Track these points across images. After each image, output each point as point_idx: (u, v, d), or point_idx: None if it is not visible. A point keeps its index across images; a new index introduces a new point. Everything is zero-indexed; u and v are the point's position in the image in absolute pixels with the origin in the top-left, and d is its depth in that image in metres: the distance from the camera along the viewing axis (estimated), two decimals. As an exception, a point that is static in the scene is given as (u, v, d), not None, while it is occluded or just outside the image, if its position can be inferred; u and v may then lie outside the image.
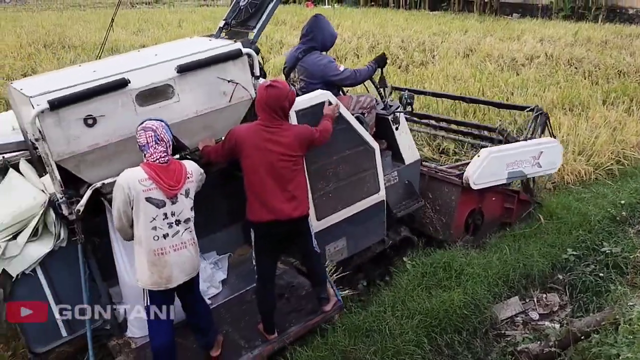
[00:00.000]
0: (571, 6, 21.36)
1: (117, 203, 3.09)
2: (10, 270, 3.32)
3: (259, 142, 3.41)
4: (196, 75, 3.47)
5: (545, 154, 5.34)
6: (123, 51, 12.09)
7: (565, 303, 4.74)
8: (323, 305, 4.02)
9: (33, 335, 3.56)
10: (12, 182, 3.59)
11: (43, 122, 3.01)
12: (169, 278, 3.17)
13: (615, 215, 5.77)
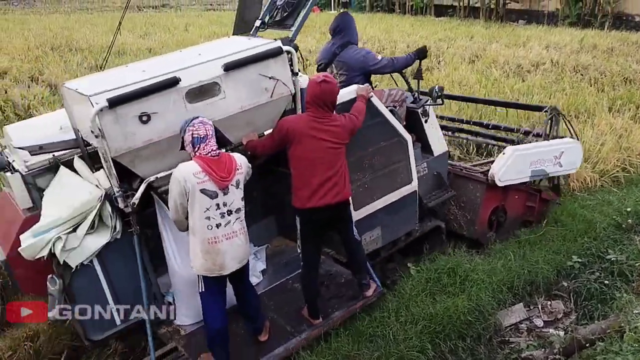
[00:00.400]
0: (577, 13, 21.35)
1: (173, 195, 3.25)
2: (70, 262, 3.49)
3: (310, 132, 3.62)
4: (240, 72, 3.61)
5: (566, 153, 5.49)
6: (130, 54, 12.16)
7: (569, 310, 4.72)
8: (364, 291, 4.21)
9: (91, 325, 3.73)
10: (64, 179, 3.74)
11: (102, 119, 3.15)
12: (222, 265, 3.35)
13: (621, 222, 5.75)
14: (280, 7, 4.47)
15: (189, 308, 3.93)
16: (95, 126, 3.13)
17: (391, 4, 28.81)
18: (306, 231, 3.87)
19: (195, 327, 3.94)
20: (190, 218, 3.29)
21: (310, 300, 4.00)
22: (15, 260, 3.65)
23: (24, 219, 3.70)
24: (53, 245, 3.45)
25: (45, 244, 3.44)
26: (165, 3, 33.80)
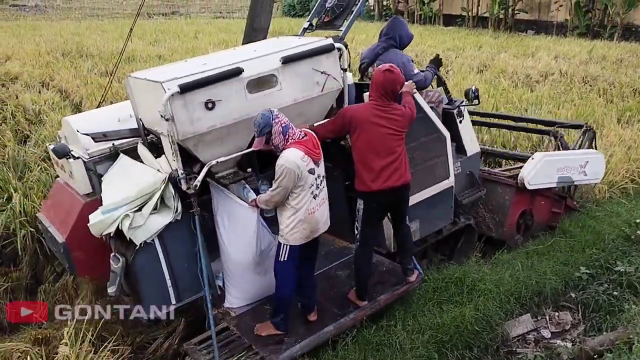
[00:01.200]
0: (586, 24, 21.33)
1: (285, 182, 3.50)
2: (135, 239, 3.69)
3: (373, 119, 3.85)
4: (296, 66, 3.86)
5: (591, 163, 5.75)
6: (140, 60, 12.25)
7: (577, 322, 4.69)
8: (408, 276, 4.43)
9: (149, 304, 3.91)
10: (125, 165, 3.99)
11: (173, 104, 3.38)
12: (316, 230, 3.75)
13: (630, 234, 5.72)
14: (329, 9, 4.71)
15: (239, 291, 4.18)
16: (167, 110, 3.36)
17: (400, 13, 28.91)
18: (368, 214, 4.05)
19: (244, 309, 4.20)
20: (295, 198, 3.58)
21: (361, 281, 4.20)
22: (74, 243, 3.92)
23: (83, 203, 3.98)
24: (120, 223, 3.65)
25: (113, 221, 3.66)
26: (175, 10, 34.07)
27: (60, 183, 4.54)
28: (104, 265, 3.90)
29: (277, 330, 3.93)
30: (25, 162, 6.70)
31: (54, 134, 7.37)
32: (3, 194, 5.89)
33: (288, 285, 3.84)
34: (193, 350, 3.89)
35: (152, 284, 3.91)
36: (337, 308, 4.22)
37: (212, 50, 13.83)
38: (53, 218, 4.30)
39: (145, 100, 3.79)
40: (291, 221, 3.65)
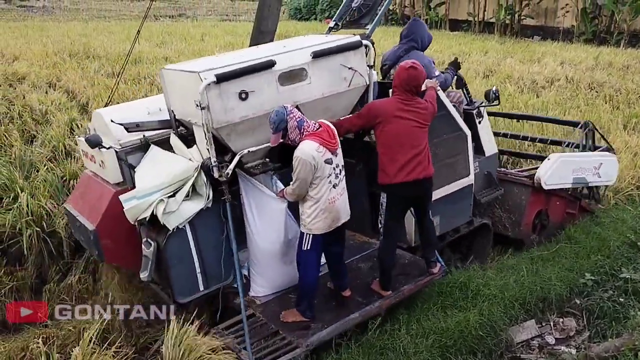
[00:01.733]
0: (593, 30, 21.27)
1: (303, 174, 3.68)
2: (168, 224, 3.84)
3: (398, 112, 3.99)
4: (325, 61, 4.02)
5: (605, 165, 5.90)
6: (147, 62, 12.28)
7: (582, 328, 4.68)
8: (431, 268, 4.55)
9: (179, 288, 4.05)
10: (157, 155, 4.15)
11: (209, 93, 3.55)
12: (337, 219, 3.90)
13: (635, 241, 5.70)
14: (355, 8, 4.91)
15: (265, 279, 4.32)
16: (203, 99, 3.52)
17: (406, 17, 28.92)
18: (392, 206, 4.23)
19: (269, 298, 4.33)
20: (314, 188, 3.76)
21: (386, 271, 4.34)
22: (103, 230, 4.05)
23: (114, 192, 4.11)
24: (155, 208, 3.80)
25: (148, 205, 3.81)
26: (181, 13, 34.17)
27: (87, 174, 4.68)
28: (131, 254, 4.12)
29: (302, 317, 4.06)
30: (32, 162, 6.72)
31: (61, 133, 7.41)
32: (9, 194, 5.90)
33: (311, 273, 3.99)
34: (221, 335, 3.98)
35: (182, 270, 4.04)
36: (362, 297, 4.33)
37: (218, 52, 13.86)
38: (82, 208, 4.41)
39: (178, 92, 3.94)
40: (312, 211, 3.81)
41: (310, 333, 3.93)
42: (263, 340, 3.93)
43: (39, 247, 5.52)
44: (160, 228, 3.90)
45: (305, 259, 3.96)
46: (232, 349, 3.85)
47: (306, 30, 21.48)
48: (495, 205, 5.80)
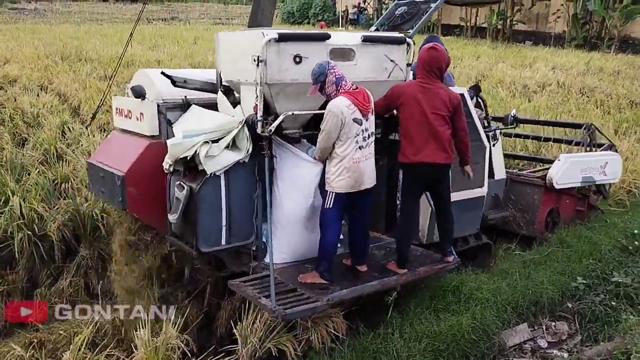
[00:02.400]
0: (584, 36, 21.48)
1: (329, 127, 3.84)
2: (207, 168, 3.95)
3: (418, 95, 4.14)
4: (372, 47, 4.32)
5: (610, 164, 6.21)
6: (140, 65, 12.25)
7: (574, 332, 4.69)
8: (447, 257, 4.60)
9: (203, 236, 4.10)
10: (197, 112, 4.31)
11: (268, 49, 3.79)
12: (361, 182, 4.00)
13: (626, 245, 5.74)
14: (398, 15, 5.33)
15: (284, 245, 4.32)
16: (263, 53, 3.76)
17: (398, 22, 29.04)
18: (408, 184, 4.38)
19: (285, 265, 4.34)
20: (340, 145, 3.90)
21: (402, 249, 4.41)
22: (131, 178, 4.14)
23: (148, 143, 4.26)
24: (199, 149, 3.91)
25: (192, 145, 3.92)
26: (174, 16, 34.19)
27: (117, 132, 4.82)
28: (151, 207, 4.28)
29: (321, 279, 4.09)
30: (23, 165, 6.70)
31: (52, 136, 7.38)
32: (1, 197, 5.87)
33: (332, 232, 4.06)
34: (239, 286, 4.05)
35: (209, 219, 4.09)
36: (378, 274, 4.37)
37: (211, 56, 13.85)
38: (109, 159, 4.50)
39: (232, 53, 4.21)
40: (337, 168, 3.94)
41: (330, 292, 3.99)
42: (281, 295, 3.92)
43: (30, 250, 5.49)
44: (196, 174, 4.02)
45: (327, 217, 4.06)
46: (251, 297, 3.91)
47: (299, 34, 21.47)
48: (509, 204, 6.02)
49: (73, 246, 5.76)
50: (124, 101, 4.68)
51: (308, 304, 3.82)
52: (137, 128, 4.46)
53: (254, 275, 4.21)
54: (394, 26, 5.26)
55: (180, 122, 4.29)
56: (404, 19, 5.23)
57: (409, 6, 5.32)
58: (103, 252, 5.62)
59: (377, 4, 30.00)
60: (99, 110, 7.68)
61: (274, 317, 3.81)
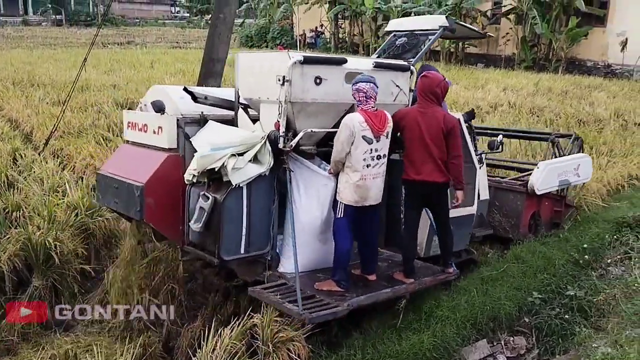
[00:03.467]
0: (533, 57, 22.29)
1: (342, 138, 4.19)
2: (233, 180, 4.16)
3: (416, 118, 4.50)
4: (381, 73, 4.63)
5: (582, 166, 6.74)
6: (94, 90, 12.07)
7: (531, 346, 4.78)
8: (448, 268, 4.94)
9: (226, 245, 4.28)
10: (215, 127, 4.58)
11: (294, 70, 4.11)
12: (365, 197, 4.31)
13: (579, 259, 5.91)
14: (399, 45, 5.72)
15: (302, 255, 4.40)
16: (289, 73, 4.08)
17: (355, 45, 29.54)
18: (409, 199, 4.74)
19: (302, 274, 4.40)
20: (350, 159, 4.22)
21: (408, 259, 4.75)
22: (150, 189, 4.35)
23: (167, 155, 4.49)
24: (227, 161, 4.13)
25: (220, 157, 4.14)
26: (130, 40, 33.85)
27: (127, 145, 5.02)
28: (167, 218, 4.51)
29: (337, 287, 4.34)
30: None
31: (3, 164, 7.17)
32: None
33: (344, 241, 4.35)
34: (260, 293, 4.25)
35: (231, 228, 4.28)
36: (387, 283, 4.64)
37: (168, 80, 13.77)
38: (124, 170, 4.65)
39: (253, 73, 4.51)
40: (345, 181, 4.30)
41: (347, 298, 4.21)
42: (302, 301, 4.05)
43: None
44: (220, 185, 4.24)
45: (339, 226, 4.36)
46: (275, 303, 4.07)
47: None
48: (494, 210, 6.41)
49: (25, 276, 5.55)
50: (139, 115, 4.87)
51: (330, 309, 4.06)
52: (154, 141, 4.62)
53: (270, 283, 4.41)
54: (395, 55, 5.64)
55: (199, 136, 4.54)
56: (405, 48, 5.65)
57: (409, 37, 5.74)
58: (56, 282, 5.44)
59: (334, 27, 30.47)
60: (52, 136, 7.52)
61: (301, 320, 4.01)
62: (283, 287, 4.32)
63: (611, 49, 21.24)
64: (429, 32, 5.66)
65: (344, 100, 4.46)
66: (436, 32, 5.63)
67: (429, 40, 5.63)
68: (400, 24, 6.16)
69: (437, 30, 5.63)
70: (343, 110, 4.56)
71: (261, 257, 4.56)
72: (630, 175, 8.77)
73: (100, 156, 7.53)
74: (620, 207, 7.61)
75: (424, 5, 24.67)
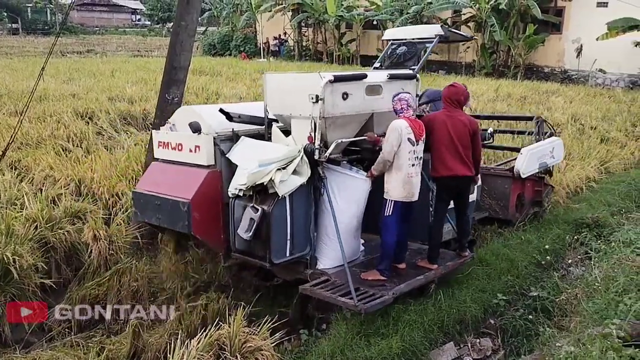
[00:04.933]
0: (492, 64, 22.78)
1: (392, 140, 4.67)
2: (280, 191, 4.55)
3: (444, 121, 5.01)
4: (394, 83, 5.22)
5: (556, 148, 7.40)
6: (53, 99, 11.78)
7: (497, 347, 4.86)
8: (463, 252, 5.49)
9: (275, 249, 4.69)
10: (249, 143, 5.00)
11: (326, 88, 4.59)
12: (412, 194, 4.83)
13: (540, 260, 6.05)
14: (400, 53, 6.23)
15: (335, 252, 4.94)
16: (322, 92, 4.57)
17: (319, 53, 29.66)
18: (440, 193, 5.25)
19: (336, 270, 4.96)
20: (398, 159, 4.70)
21: (434, 247, 5.26)
22: (195, 204, 4.78)
23: (208, 172, 4.92)
24: (274, 175, 4.52)
25: (268, 172, 4.53)
26: (90, 49, 33.23)
27: (159, 163, 5.38)
28: (211, 229, 4.94)
29: (381, 277, 4.85)
30: None
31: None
32: None
33: (392, 235, 4.82)
34: (312, 290, 4.70)
35: (278, 234, 4.68)
36: (414, 271, 5.12)
37: (129, 88, 13.55)
38: (165, 188, 5.04)
39: (283, 92, 4.97)
40: (394, 179, 4.76)
41: (389, 287, 4.70)
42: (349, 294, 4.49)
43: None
44: (265, 197, 4.63)
45: (387, 223, 4.83)
46: (329, 298, 4.54)
47: (221, 65, 21.49)
48: (484, 195, 6.98)
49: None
50: (172, 135, 5.24)
51: (379, 298, 4.53)
52: (191, 159, 5.04)
53: (314, 280, 4.86)
54: (398, 63, 6.16)
55: (235, 152, 4.96)
56: (406, 57, 6.16)
57: (408, 46, 6.22)
58: (16, 297, 5.26)
59: (297, 35, 30.54)
60: (9, 148, 7.29)
61: (357, 311, 4.42)
62: (328, 282, 4.79)
63: (567, 55, 21.91)
64: (426, 40, 6.13)
65: (365, 111, 5.02)
66: (433, 40, 6.08)
67: (426, 48, 6.13)
68: (397, 33, 6.62)
69: (434, 38, 6.08)
70: (364, 120, 5.09)
71: (303, 257, 4.99)
72: (588, 177, 9.04)
73: (60, 167, 7.35)
74: (580, 208, 7.83)
75: (385, 14, 24.96)
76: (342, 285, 4.69)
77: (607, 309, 4.26)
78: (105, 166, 7.42)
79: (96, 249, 5.69)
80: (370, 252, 5.42)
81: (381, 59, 6.44)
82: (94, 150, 8.43)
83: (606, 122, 12.79)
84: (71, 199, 6.52)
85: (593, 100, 15.85)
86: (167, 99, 6.14)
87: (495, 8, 21.74)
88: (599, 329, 3.72)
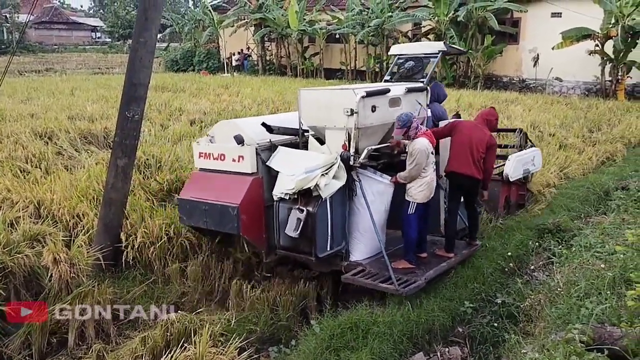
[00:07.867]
0: (453, 75, 23.21)
1: (420, 159, 5.39)
2: (323, 194, 5.19)
3: (470, 129, 5.94)
4: (409, 95, 5.97)
5: (536, 157, 8.21)
6: (10, 120, 11.49)
7: (466, 355, 4.89)
8: (474, 242, 6.32)
9: (320, 245, 5.34)
10: (286, 152, 5.62)
11: (360, 102, 5.22)
12: (431, 194, 5.61)
13: (505, 267, 6.13)
14: (408, 67, 6.97)
15: (365, 245, 5.73)
16: (357, 106, 5.21)
17: (283, 67, 29.73)
18: (452, 190, 6.07)
19: (367, 261, 5.69)
20: (425, 170, 5.45)
21: (451, 237, 6.03)
22: (244, 207, 5.37)
23: (252, 179, 5.51)
24: (319, 180, 5.13)
25: (313, 178, 5.16)
26: (49, 67, 32.63)
27: (201, 172, 5.97)
28: (256, 230, 5.56)
29: (410, 264, 5.58)
30: None
31: None
32: None
33: (413, 230, 5.59)
34: (353, 279, 5.39)
35: (322, 232, 5.32)
36: (433, 258, 5.87)
37: (90, 107, 13.31)
38: (211, 194, 5.61)
39: (317, 106, 5.57)
40: (420, 185, 5.49)
41: (419, 273, 5.43)
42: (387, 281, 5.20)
43: None
44: (309, 199, 5.23)
45: (409, 220, 5.56)
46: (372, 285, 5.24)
47: (184, 81, 21.32)
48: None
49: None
50: (213, 147, 5.82)
51: (414, 284, 5.22)
52: (235, 168, 5.59)
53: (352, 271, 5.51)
54: (407, 76, 6.87)
55: (275, 160, 5.56)
56: (414, 71, 6.87)
57: (415, 60, 6.93)
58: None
59: (261, 50, 30.56)
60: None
61: (399, 294, 5.10)
62: (364, 272, 5.48)
63: (525, 65, 22.48)
64: (431, 55, 6.92)
65: (388, 121, 5.65)
66: (437, 55, 6.92)
67: (431, 62, 6.92)
68: (404, 48, 7.47)
69: (438, 54, 6.92)
70: (387, 129, 5.72)
71: (339, 251, 5.61)
72: (548, 183, 9.23)
73: (18, 189, 7.15)
74: (541, 214, 7.98)
75: (347, 27, 25.22)
76: (377, 274, 5.39)
77: (569, 314, 4.33)
78: (65, 187, 7.24)
79: (56, 272, 5.49)
80: (391, 245, 5.90)
81: (390, 73, 7.34)
82: (54, 170, 8.22)
83: (564, 129, 13.13)
84: (30, 222, 6.32)
85: (551, 107, 16.27)
86: (128, 116, 6.03)
87: (454, 20, 22.18)
88: (562, 334, 3.77)
